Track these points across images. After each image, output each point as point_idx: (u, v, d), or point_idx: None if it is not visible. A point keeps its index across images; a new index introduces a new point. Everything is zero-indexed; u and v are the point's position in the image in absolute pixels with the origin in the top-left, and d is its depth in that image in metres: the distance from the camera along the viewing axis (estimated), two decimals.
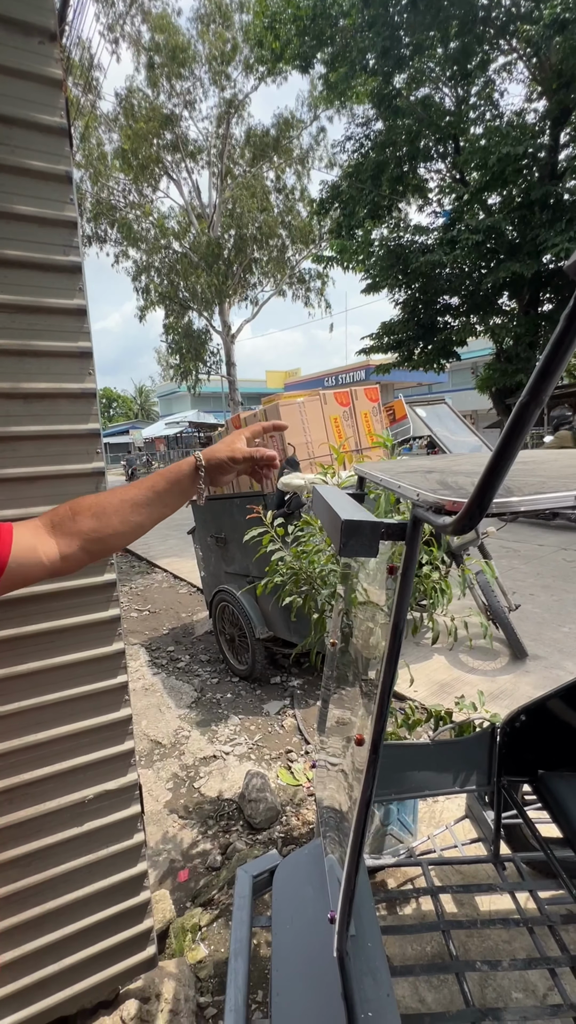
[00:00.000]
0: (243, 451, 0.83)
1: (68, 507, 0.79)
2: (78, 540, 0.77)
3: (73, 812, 1.28)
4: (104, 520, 0.78)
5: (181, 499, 0.83)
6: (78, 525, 0.77)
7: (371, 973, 0.95)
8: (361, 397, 3.72)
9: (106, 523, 0.78)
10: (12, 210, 1.11)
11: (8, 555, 0.72)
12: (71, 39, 10.90)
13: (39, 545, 0.75)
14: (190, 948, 1.72)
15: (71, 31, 9.51)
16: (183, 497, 0.83)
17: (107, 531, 0.78)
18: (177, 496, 0.82)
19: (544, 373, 0.37)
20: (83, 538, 0.77)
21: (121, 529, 0.79)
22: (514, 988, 1.50)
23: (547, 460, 0.99)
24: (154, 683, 3.80)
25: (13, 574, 0.73)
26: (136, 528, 0.80)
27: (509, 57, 9.99)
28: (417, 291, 11.12)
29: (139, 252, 15.61)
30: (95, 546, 0.78)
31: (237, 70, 14.43)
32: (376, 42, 9.40)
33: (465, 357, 13.78)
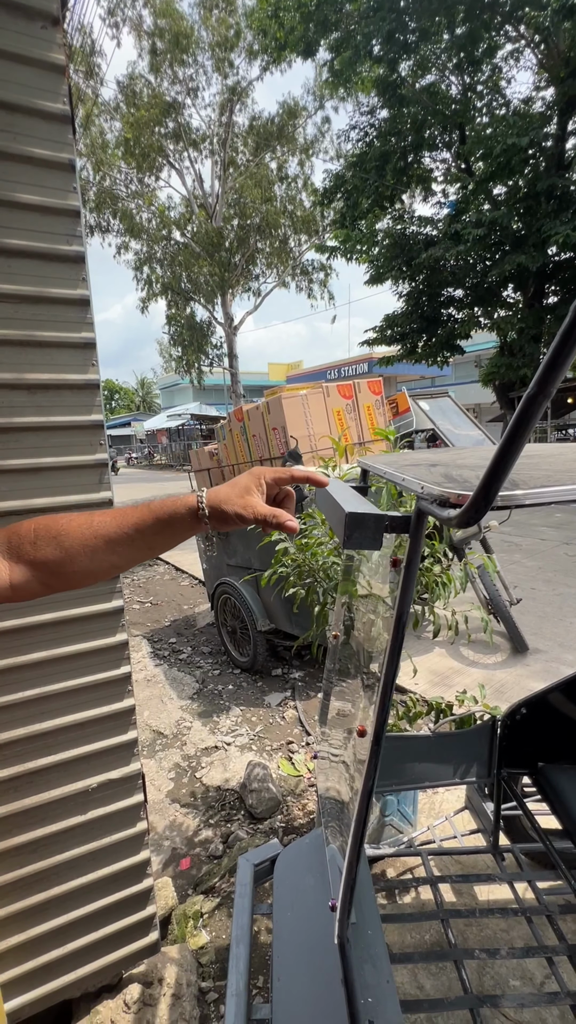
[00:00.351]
0: (258, 511, 0.66)
1: (32, 529, 0.63)
2: (35, 571, 0.63)
3: (77, 800, 1.29)
4: (70, 555, 0.63)
5: (171, 543, 0.67)
6: (38, 553, 0.63)
7: (371, 960, 0.96)
8: (364, 390, 3.70)
9: (71, 559, 0.63)
10: (15, 198, 1.10)
11: None
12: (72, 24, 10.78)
13: None
14: (192, 934, 1.74)
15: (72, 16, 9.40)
16: (173, 541, 0.67)
17: (71, 568, 0.63)
18: (166, 539, 0.66)
19: (552, 365, 0.37)
20: (41, 570, 0.63)
21: (89, 567, 0.64)
22: (512, 976, 1.52)
23: (553, 454, 0.99)
24: (156, 674, 3.82)
25: None
26: (109, 568, 0.65)
27: (517, 44, 9.83)
28: (421, 283, 11.04)
29: (141, 242, 15.50)
30: (54, 580, 0.64)
31: (240, 57, 14.25)
32: (381, 28, 9.25)
33: (469, 350, 13.70)
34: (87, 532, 0.63)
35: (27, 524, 0.64)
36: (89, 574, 0.65)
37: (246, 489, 0.67)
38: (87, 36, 12.92)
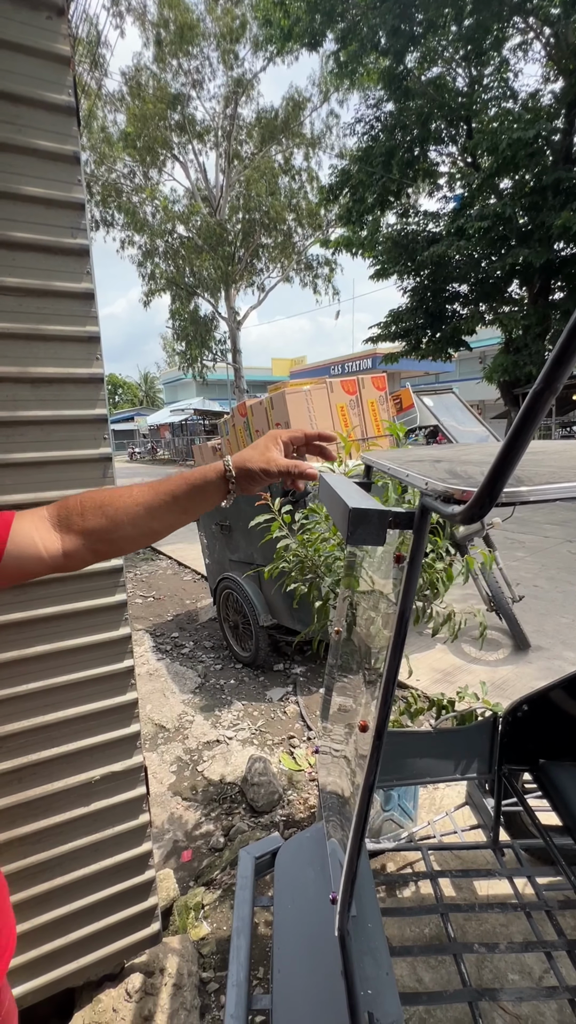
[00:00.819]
0: (279, 464, 0.72)
1: (79, 501, 0.71)
2: (84, 539, 0.70)
3: (80, 792, 1.30)
4: (115, 522, 0.70)
5: (203, 507, 0.74)
6: (86, 523, 0.70)
7: (371, 953, 0.97)
8: (368, 386, 3.69)
9: (117, 526, 0.70)
10: (19, 191, 1.09)
11: (3, 547, 0.66)
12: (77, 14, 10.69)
13: (40, 538, 0.68)
14: (193, 925, 1.76)
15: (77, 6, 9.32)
16: (206, 505, 0.74)
17: (117, 534, 0.71)
18: (199, 504, 0.73)
19: (559, 361, 0.37)
20: (90, 537, 0.70)
21: (132, 534, 0.71)
22: (511, 970, 1.53)
23: (557, 450, 0.99)
24: (158, 668, 3.84)
25: (8, 567, 0.66)
26: (150, 534, 0.72)
27: (525, 36, 9.71)
28: (426, 279, 10.97)
29: (144, 236, 15.44)
30: (102, 547, 0.71)
31: (246, 48, 14.13)
32: (388, 19, 9.15)
33: (473, 346, 13.63)
34: (129, 501, 0.70)
35: (75, 498, 0.71)
36: (132, 540, 0.72)
37: (266, 447, 0.74)
38: (92, 26, 12.84)
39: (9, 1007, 0.77)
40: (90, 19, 12.73)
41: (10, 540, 0.67)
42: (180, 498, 0.71)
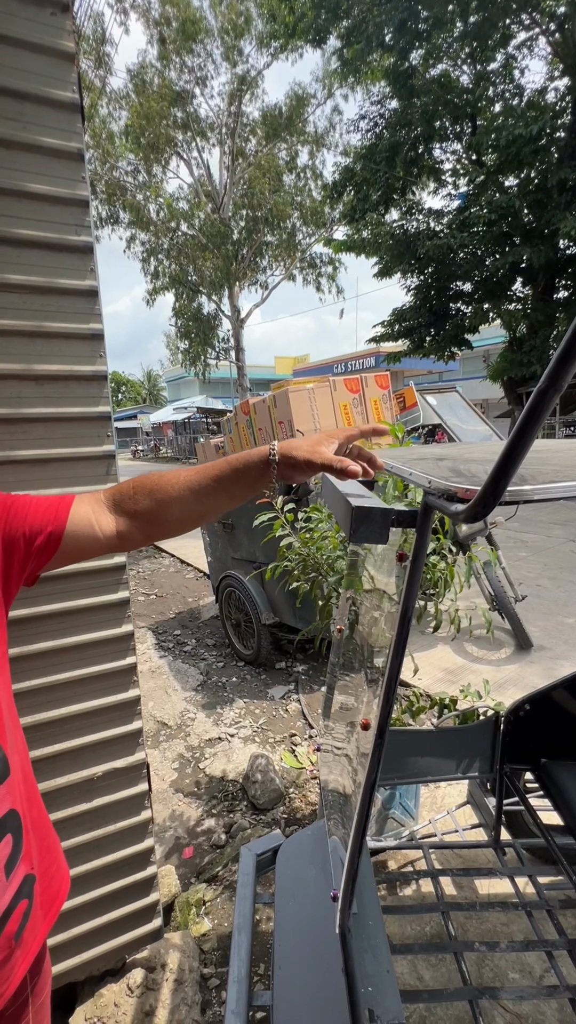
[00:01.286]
0: (324, 457, 0.71)
1: (131, 486, 0.76)
2: (136, 521, 0.75)
3: (83, 788, 1.31)
4: (164, 506, 0.74)
5: (247, 490, 0.75)
6: (138, 506, 0.74)
7: (371, 950, 0.97)
8: (371, 384, 3.68)
9: (165, 509, 0.74)
10: (24, 188, 1.09)
11: (64, 527, 0.71)
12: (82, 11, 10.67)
13: (96, 520, 0.74)
14: (194, 922, 1.77)
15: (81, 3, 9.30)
16: (249, 489, 0.74)
17: (165, 516, 0.75)
18: (243, 487, 0.74)
19: (564, 359, 0.36)
20: (141, 520, 0.75)
21: (180, 516, 0.75)
22: (511, 969, 1.53)
23: (561, 449, 0.98)
24: (161, 666, 3.85)
25: (69, 547, 0.72)
26: (196, 517, 0.76)
27: (531, 32, 9.64)
28: (429, 277, 10.92)
29: (148, 234, 15.44)
30: (152, 529, 0.76)
31: (250, 44, 14.09)
32: (393, 16, 9.10)
33: (477, 345, 13.57)
34: (177, 485, 0.74)
35: (128, 483, 0.77)
36: (180, 522, 0.76)
37: (318, 441, 0.73)
38: (96, 23, 12.82)
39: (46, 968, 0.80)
40: (94, 16, 12.72)
41: (69, 521, 0.72)
42: (224, 481, 0.73)
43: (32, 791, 0.76)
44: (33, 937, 0.71)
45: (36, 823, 0.75)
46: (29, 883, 0.70)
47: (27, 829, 0.71)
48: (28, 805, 0.73)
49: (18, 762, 0.72)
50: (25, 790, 0.73)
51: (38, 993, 0.76)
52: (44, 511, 0.72)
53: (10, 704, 0.73)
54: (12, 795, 0.68)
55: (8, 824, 0.66)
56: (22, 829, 0.69)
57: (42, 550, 0.71)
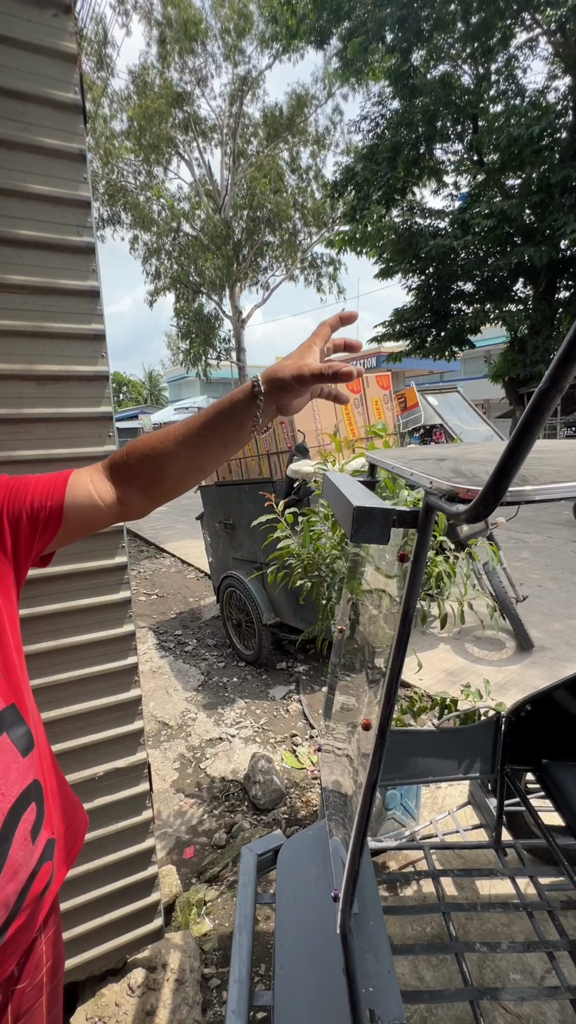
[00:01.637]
0: (312, 368, 0.65)
1: (124, 451, 0.74)
2: (135, 485, 0.73)
3: (84, 788, 1.31)
4: (159, 464, 0.71)
5: (239, 433, 0.70)
6: (133, 469, 0.73)
7: (372, 950, 0.97)
8: (372, 384, 3.68)
9: (161, 467, 0.71)
10: (26, 189, 1.10)
11: (63, 499, 0.71)
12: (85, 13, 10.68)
13: (96, 489, 0.73)
14: (195, 922, 1.77)
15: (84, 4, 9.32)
16: (241, 430, 0.69)
17: (163, 474, 0.72)
18: (232, 428, 0.69)
19: (565, 360, 0.36)
20: (140, 483, 0.73)
21: (177, 472, 0.72)
22: (512, 970, 1.53)
23: (562, 449, 0.98)
24: (162, 666, 3.85)
25: (72, 519, 0.72)
26: (194, 471, 0.73)
27: (532, 32, 9.64)
28: (431, 277, 10.92)
29: (149, 235, 15.46)
30: (153, 490, 0.74)
31: (252, 45, 14.10)
32: (394, 15, 9.10)
33: (478, 345, 13.55)
34: (167, 441, 0.71)
35: (122, 449, 0.75)
36: (179, 478, 0.73)
37: (300, 355, 0.68)
38: (99, 24, 12.84)
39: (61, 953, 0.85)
40: (96, 18, 12.75)
41: (68, 493, 0.71)
42: (212, 426, 0.69)
43: (49, 759, 0.81)
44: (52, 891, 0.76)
45: (55, 790, 0.79)
46: (51, 847, 0.74)
47: (48, 797, 0.74)
48: (47, 774, 0.77)
49: (40, 737, 0.76)
50: (47, 763, 0.77)
51: (52, 975, 0.78)
52: (43, 487, 0.72)
53: (27, 682, 0.77)
54: (36, 767, 0.72)
55: (33, 794, 0.70)
56: (44, 798, 0.73)
57: (46, 525, 0.71)
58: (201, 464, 0.73)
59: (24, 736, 0.70)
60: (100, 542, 1.28)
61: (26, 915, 0.68)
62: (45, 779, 0.75)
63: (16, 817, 0.66)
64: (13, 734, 0.68)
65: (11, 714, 0.69)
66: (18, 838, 0.66)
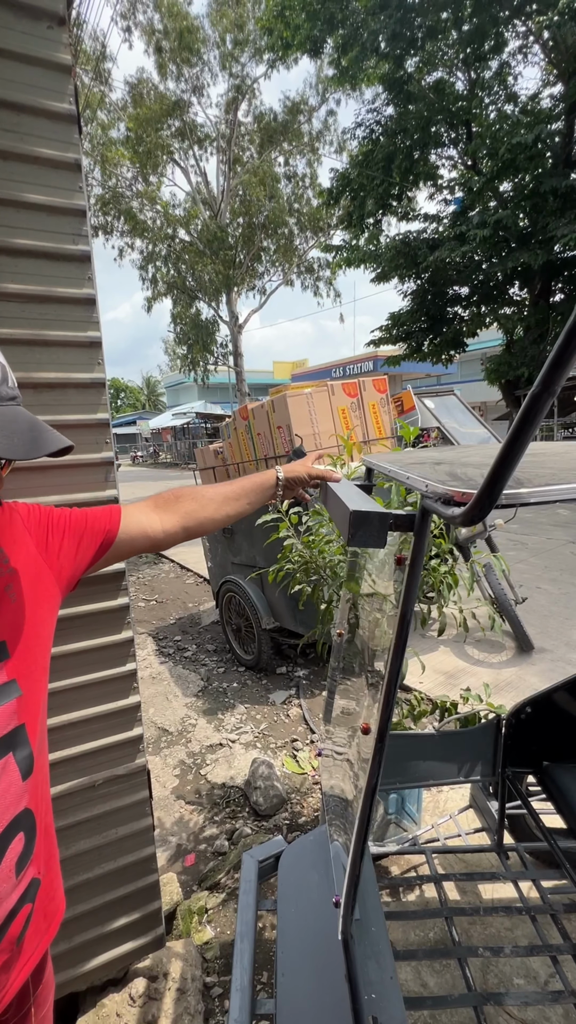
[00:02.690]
0: (316, 472, 1.02)
1: (172, 492, 0.96)
2: (179, 518, 0.92)
3: (83, 796, 1.31)
4: (202, 504, 0.94)
5: (261, 502, 1.01)
6: (181, 506, 0.93)
7: (375, 956, 0.96)
8: (369, 388, 3.69)
9: (204, 507, 0.94)
10: (22, 198, 1.10)
11: (117, 530, 0.87)
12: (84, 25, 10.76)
13: (144, 521, 0.90)
14: (197, 930, 1.76)
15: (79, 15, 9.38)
16: (263, 501, 1.01)
17: (203, 514, 0.94)
18: (260, 499, 1.00)
19: (556, 363, 0.37)
20: (183, 517, 0.93)
21: (215, 516, 0.95)
22: (516, 974, 1.52)
23: (558, 452, 0.99)
24: (161, 672, 3.84)
25: (122, 546, 0.87)
26: (226, 518, 0.97)
27: (524, 40, 9.74)
28: (426, 282, 10.99)
29: (145, 241, 15.51)
30: (192, 524, 0.93)
31: (246, 53, 14.21)
32: (388, 24, 9.19)
33: (475, 348, 13.62)
34: (212, 491, 0.97)
35: (170, 491, 0.96)
36: (213, 520, 0.96)
37: (307, 461, 1.06)
38: (96, 36, 12.94)
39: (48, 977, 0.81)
40: (94, 33, 12.85)
41: (122, 526, 0.88)
42: (249, 492, 0.99)
43: (47, 796, 0.78)
44: (34, 945, 0.71)
45: (47, 830, 0.76)
46: (35, 887, 0.71)
47: (40, 832, 0.72)
48: (42, 809, 0.74)
49: (42, 765, 0.74)
50: (43, 794, 0.75)
51: (40, 1004, 0.76)
52: (100, 516, 0.87)
53: (45, 705, 0.77)
54: (31, 795, 0.70)
55: (23, 822, 0.68)
56: (35, 830, 0.70)
57: (99, 549, 0.86)
58: (231, 514, 0.99)
59: (27, 759, 0.69)
60: None
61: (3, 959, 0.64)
62: (39, 813, 0.73)
63: (4, 843, 0.64)
64: (19, 754, 0.67)
65: (21, 735, 0.68)
66: (3, 867, 0.64)
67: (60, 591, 0.80)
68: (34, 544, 0.77)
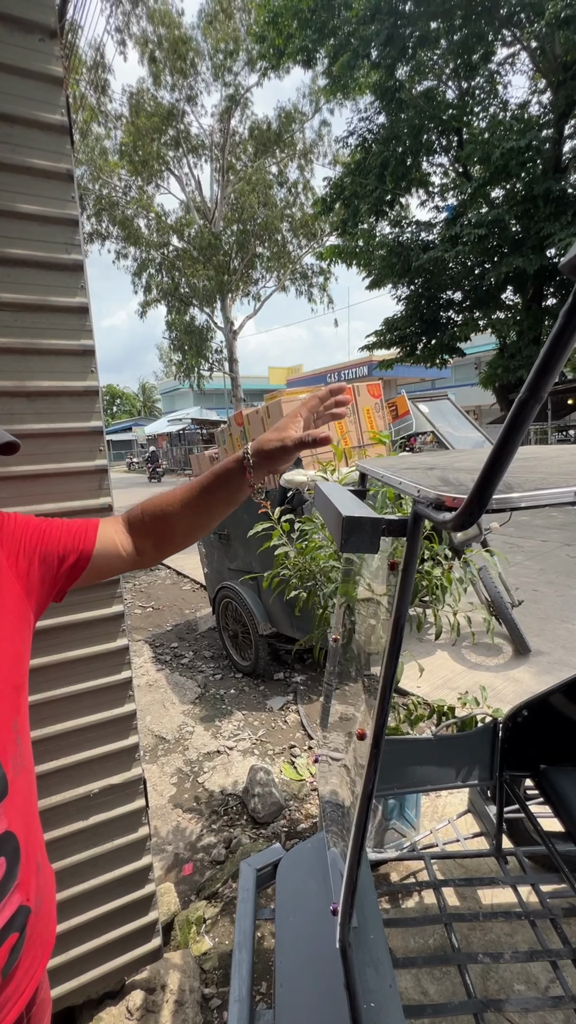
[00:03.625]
0: (294, 438, 0.76)
1: (141, 509, 0.84)
2: (149, 538, 0.83)
3: (79, 806, 1.29)
4: (169, 522, 0.82)
5: (236, 495, 0.81)
6: (147, 525, 0.83)
7: (374, 964, 0.96)
8: (363, 393, 3.71)
9: (170, 524, 0.82)
10: (14, 208, 1.11)
11: (93, 548, 0.79)
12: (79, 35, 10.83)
13: (119, 540, 0.82)
14: (195, 940, 1.74)
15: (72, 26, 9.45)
16: (237, 494, 0.81)
17: (172, 531, 0.83)
18: (227, 493, 0.80)
19: (543, 369, 0.37)
20: (154, 536, 0.83)
21: (184, 528, 0.83)
22: (516, 980, 1.51)
23: (550, 456, 0.99)
24: (158, 679, 3.82)
25: (99, 564, 0.80)
26: (199, 528, 0.84)
27: (513, 48, 9.89)
28: (420, 287, 11.08)
29: (139, 249, 15.58)
30: (163, 542, 0.84)
31: (239, 63, 14.35)
32: (380, 33, 9.31)
33: (468, 352, 13.72)
34: (175, 503, 0.82)
35: (138, 507, 0.85)
36: (186, 533, 0.84)
37: (283, 427, 0.79)
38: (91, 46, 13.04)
39: (44, 997, 0.78)
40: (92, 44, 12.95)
41: (98, 542, 0.80)
42: (211, 489, 0.80)
43: (34, 820, 0.74)
44: (29, 977, 0.68)
45: (35, 854, 0.72)
46: (23, 915, 0.66)
47: (25, 857, 0.68)
48: (28, 832, 0.70)
49: (22, 786, 0.70)
50: (27, 817, 0.71)
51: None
52: (74, 534, 0.79)
53: (23, 724, 0.72)
54: (10, 816, 0.66)
55: (3, 846, 0.64)
56: (19, 854, 0.66)
57: (73, 568, 0.78)
58: (204, 522, 0.84)
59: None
60: None
61: None
62: (24, 837, 0.68)
63: None
64: None
65: None
66: None
67: (32, 606, 0.75)
68: (4, 555, 0.73)
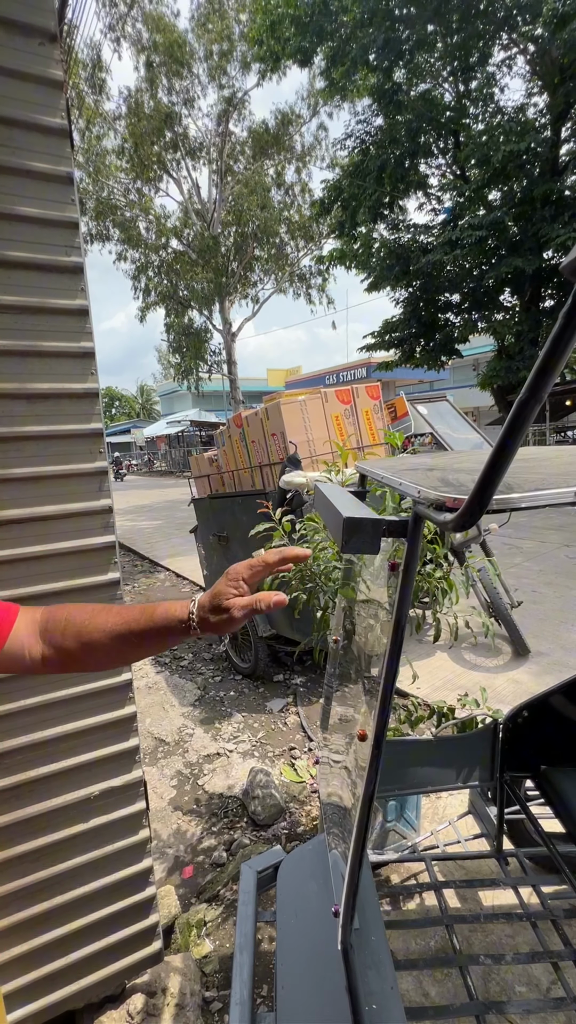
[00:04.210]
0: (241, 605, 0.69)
1: (64, 620, 0.74)
2: (59, 655, 0.74)
3: (79, 808, 1.29)
4: (86, 649, 0.73)
5: (169, 646, 0.77)
6: (64, 643, 0.74)
7: (375, 966, 0.96)
8: (362, 395, 3.71)
9: (87, 653, 0.74)
10: (14, 211, 1.11)
11: (5, 642, 0.72)
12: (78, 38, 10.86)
13: (27, 643, 0.74)
14: (195, 943, 1.73)
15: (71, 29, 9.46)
16: (172, 645, 0.77)
17: (87, 661, 0.75)
18: (163, 645, 0.74)
19: (543, 371, 0.37)
20: (64, 656, 0.74)
21: (101, 660, 0.75)
22: (517, 982, 1.51)
23: (548, 457, 1.00)
24: (158, 681, 3.82)
25: (3, 659, 0.72)
26: (116, 661, 0.76)
27: (510, 51, 9.93)
28: (418, 289, 11.10)
29: (138, 252, 15.60)
30: (72, 665, 0.75)
31: (235, 66, 14.40)
32: (377, 36, 9.35)
33: (467, 354, 13.77)
34: (103, 631, 0.73)
35: (61, 614, 0.75)
36: (100, 664, 0.76)
37: (222, 593, 0.70)
38: (90, 48, 13.08)
39: None
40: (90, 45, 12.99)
41: (9, 639, 0.72)
42: (146, 635, 0.72)
43: None
44: None
45: None
46: None
47: None
48: None
49: None
50: None
51: None
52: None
53: None
54: None
55: None
56: None
57: None
58: (127, 660, 0.77)
59: None
60: (92, 558, 1.28)
61: None
62: None
63: None
64: None
65: None
66: None
67: None
68: None
